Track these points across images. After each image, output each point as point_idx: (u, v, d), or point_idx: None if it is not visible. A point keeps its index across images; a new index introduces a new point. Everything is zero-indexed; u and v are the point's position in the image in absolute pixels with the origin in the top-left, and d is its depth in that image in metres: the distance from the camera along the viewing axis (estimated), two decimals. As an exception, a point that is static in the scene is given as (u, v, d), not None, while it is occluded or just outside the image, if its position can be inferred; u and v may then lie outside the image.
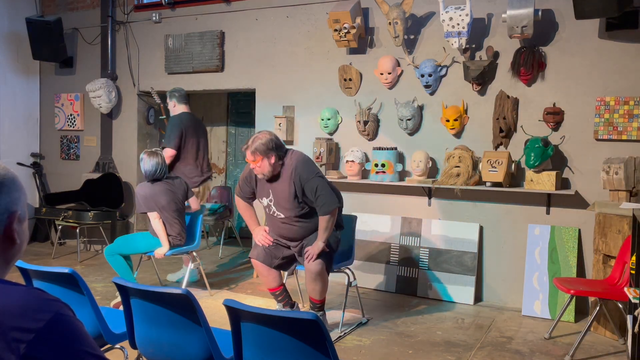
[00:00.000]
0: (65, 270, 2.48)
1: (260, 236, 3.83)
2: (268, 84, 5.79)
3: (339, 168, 5.42)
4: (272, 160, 3.55)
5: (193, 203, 4.71)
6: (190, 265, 4.60)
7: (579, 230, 4.46)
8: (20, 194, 1.21)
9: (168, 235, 4.43)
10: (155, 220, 4.38)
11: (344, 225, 4.39)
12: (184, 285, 4.39)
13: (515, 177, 4.68)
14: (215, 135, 7.85)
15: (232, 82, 5.98)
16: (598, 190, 4.37)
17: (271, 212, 3.75)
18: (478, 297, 4.80)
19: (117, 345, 2.67)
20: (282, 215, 3.70)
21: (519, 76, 4.62)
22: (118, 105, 6.68)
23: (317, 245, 3.61)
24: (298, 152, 3.71)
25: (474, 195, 4.83)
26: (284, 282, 4.02)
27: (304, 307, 4.50)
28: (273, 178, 3.64)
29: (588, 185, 4.46)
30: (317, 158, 5.19)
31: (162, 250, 4.40)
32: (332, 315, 4.28)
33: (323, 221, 3.58)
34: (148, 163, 4.42)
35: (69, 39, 6.82)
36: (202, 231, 7.25)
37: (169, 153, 5.01)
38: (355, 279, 4.17)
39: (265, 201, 3.75)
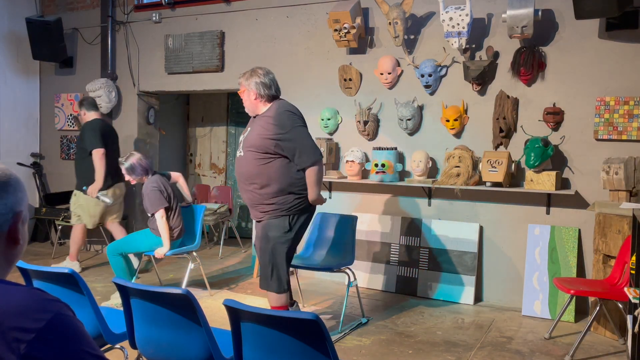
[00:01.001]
0: (65, 270, 2.48)
1: None
2: (268, 84, 5.78)
3: (339, 168, 5.42)
4: (252, 95, 3.48)
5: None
6: (190, 266, 4.60)
7: (579, 230, 4.46)
8: (24, 195, 1.22)
9: (172, 229, 4.47)
10: (162, 218, 4.39)
11: (345, 224, 4.40)
12: (184, 286, 4.40)
13: (515, 177, 4.68)
14: (215, 135, 7.86)
15: (232, 82, 5.98)
16: (598, 190, 4.37)
17: (238, 153, 3.55)
18: (478, 297, 4.80)
19: (117, 345, 2.67)
20: (242, 154, 3.46)
21: (519, 76, 4.62)
22: (118, 105, 6.67)
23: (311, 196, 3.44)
24: (285, 102, 3.56)
25: (474, 195, 4.83)
26: None
27: (304, 307, 4.50)
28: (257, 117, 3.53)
29: (588, 185, 4.46)
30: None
31: (163, 250, 4.40)
32: (332, 315, 4.28)
33: (309, 176, 3.42)
34: (138, 160, 4.48)
35: (69, 39, 6.82)
36: (202, 231, 7.28)
37: (99, 153, 5.19)
38: (355, 279, 4.17)
39: (241, 137, 3.58)
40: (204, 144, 7.96)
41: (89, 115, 5.44)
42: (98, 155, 5.18)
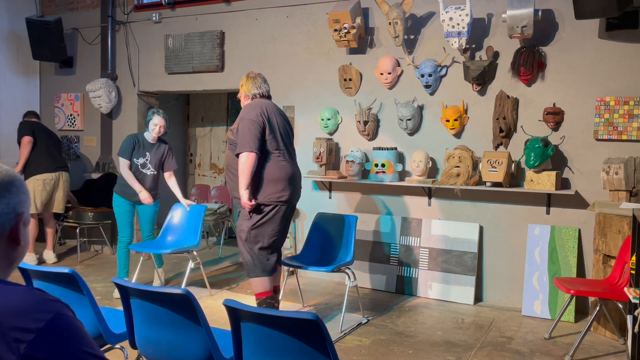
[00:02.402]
0: (65, 270, 2.48)
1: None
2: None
3: (339, 168, 5.42)
4: (240, 94, 3.92)
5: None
6: (191, 264, 4.61)
7: (579, 230, 4.46)
8: (26, 197, 1.22)
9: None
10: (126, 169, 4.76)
11: (345, 224, 4.39)
12: (183, 285, 4.41)
13: (515, 177, 4.68)
14: (215, 135, 7.86)
15: (232, 82, 5.98)
16: (598, 190, 4.37)
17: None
18: (478, 297, 4.80)
19: (117, 345, 2.67)
20: (229, 145, 3.79)
21: (519, 76, 4.62)
22: (118, 105, 6.68)
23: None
24: (259, 100, 3.79)
25: (474, 195, 4.83)
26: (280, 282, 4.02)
27: (304, 307, 4.50)
28: None
29: (588, 185, 4.46)
30: (317, 158, 5.19)
31: (144, 194, 4.75)
32: (332, 315, 4.28)
33: (239, 165, 3.60)
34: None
35: (69, 39, 6.82)
36: (202, 231, 7.28)
37: (27, 140, 5.83)
38: (355, 279, 4.17)
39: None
40: (204, 144, 7.96)
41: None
42: (25, 141, 5.82)
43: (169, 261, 5.97)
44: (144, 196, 4.76)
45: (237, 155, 3.61)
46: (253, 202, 3.60)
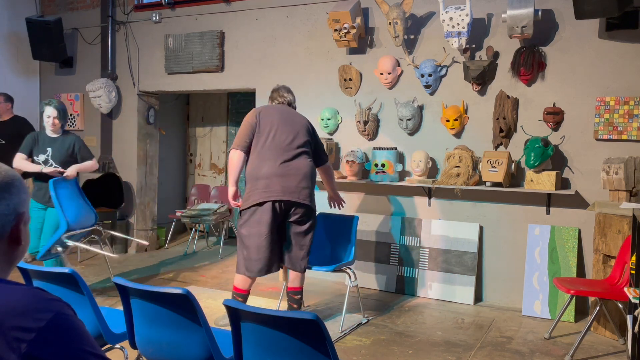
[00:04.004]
0: (65, 270, 2.48)
1: None
2: (268, 84, 5.77)
3: (339, 168, 5.42)
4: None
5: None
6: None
7: (579, 230, 4.46)
8: (27, 197, 1.22)
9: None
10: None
11: (345, 224, 4.39)
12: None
13: (515, 177, 4.68)
14: (215, 135, 7.86)
15: (232, 82, 5.98)
16: (598, 190, 4.37)
17: None
18: (478, 297, 4.80)
19: (117, 345, 2.67)
20: None
21: (519, 76, 4.62)
22: (118, 105, 6.67)
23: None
24: (268, 104, 4.03)
25: (474, 195, 4.83)
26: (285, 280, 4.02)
27: (304, 307, 4.50)
28: None
29: (588, 185, 4.46)
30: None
31: (48, 168, 4.23)
32: (332, 315, 4.28)
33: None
34: None
35: (69, 39, 6.82)
36: (202, 231, 7.29)
37: None
38: (356, 278, 4.17)
39: None
40: (204, 144, 7.96)
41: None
42: None
43: (169, 261, 5.97)
44: (50, 169, 4.26)
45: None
46: (236, 203, 3.78)
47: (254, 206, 3.69)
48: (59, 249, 4.26)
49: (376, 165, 4.98)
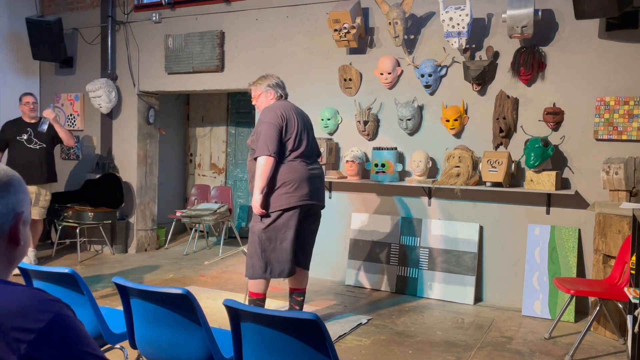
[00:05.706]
0: (65, 270, 2.48)
1: None
2: (268, 84, 5.78)
3: (339, 168, 5.42)
4: (269, 96, 3.87)
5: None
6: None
7: (579, 230, 4.46)
8: (26, 196, 1.22)
9: None
10: None
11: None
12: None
13: (515, 177, 4.68)
14: (215, 135, 7.86)
15: (232, 82, 5.98)
16: (598, 190, 4.37)
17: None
18: (478, 297, 4.80)
19: (117, 345, 2.67)
20: (250, 151, 3.81)
21: (519, 76, 4.62)
22: (118, 105, 6.67)
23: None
24: (278, 102, 3.81)
25: (474, 195, 4.83)
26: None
27: (304, 307, 4.49)
28: None
29: (588, 185, 4.46)
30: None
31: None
32: (332, 316, 4.28)
33: (257, 168, 3.60)
34: None
35: (69, 39, 6.81)
36: (202, 231, 7.29)
37: None
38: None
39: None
40: (204, 144, 7.96)
41: None
42: None
43: (169, 261, 5.97)
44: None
45: (255, 159, 3.61)
46: (263, 211, 3.62)
47: (280, 210, 3.64)
48: None
49: (376, 165, 4.98)
